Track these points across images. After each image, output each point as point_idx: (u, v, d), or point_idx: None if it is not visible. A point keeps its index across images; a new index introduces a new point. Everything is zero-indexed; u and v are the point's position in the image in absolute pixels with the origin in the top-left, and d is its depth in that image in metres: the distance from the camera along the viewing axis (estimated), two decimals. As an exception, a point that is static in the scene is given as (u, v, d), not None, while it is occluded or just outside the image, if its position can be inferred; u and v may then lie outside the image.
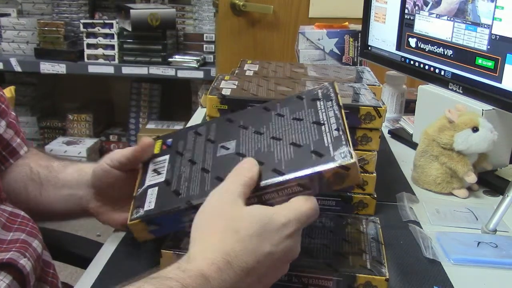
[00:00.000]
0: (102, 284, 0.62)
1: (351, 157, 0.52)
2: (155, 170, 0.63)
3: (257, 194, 0.54)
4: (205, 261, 0.49)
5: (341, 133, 0.55)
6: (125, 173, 0.67)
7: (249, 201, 0.53)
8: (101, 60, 2.47)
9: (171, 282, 0.46)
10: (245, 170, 0.54)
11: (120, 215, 0.70)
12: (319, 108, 0.59)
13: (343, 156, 0.52)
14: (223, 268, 0.49)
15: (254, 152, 0.57)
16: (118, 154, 0.67)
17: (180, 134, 0.68)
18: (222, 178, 0.54)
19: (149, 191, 0.61)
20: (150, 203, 0.59)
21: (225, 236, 0.50)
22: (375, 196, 0.77)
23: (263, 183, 0.53)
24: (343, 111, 0.58)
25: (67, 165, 0.77)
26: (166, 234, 0.61)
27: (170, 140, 0.67)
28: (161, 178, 0.62)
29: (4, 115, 0.76)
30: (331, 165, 0.52)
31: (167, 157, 0.64)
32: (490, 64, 0.89)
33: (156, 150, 0.66)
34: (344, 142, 0.53)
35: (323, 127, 0.56)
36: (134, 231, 0.58)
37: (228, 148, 0.60)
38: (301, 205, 0.52)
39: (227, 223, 0.51)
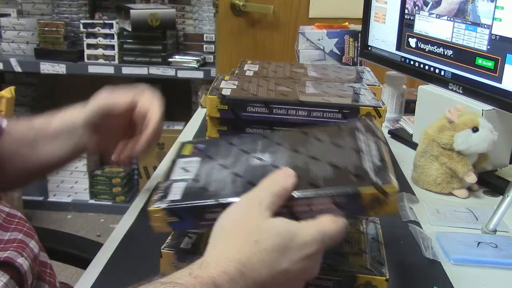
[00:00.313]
0: (102, 284, 0.62)
1: (393, 184, 0.51)
2: (183, 168, 0.61)
3: (288, 205, 0.52)
4: (217, 269, 0.47)
5: (383, 162, 0.54)
6: (121, 116, 0.75)
7: (278, 212, 0.51)
8: (101, 60, 2.47)
9: None
10: (281, 179, 0.52)
11: (124, 153, 0.79)
12: (358, 138, 0.59)
13: (385, 181, 0.51)
14: (236, 278, 0.47)
15: (291, 167, 0.55)
16: (113, 98, 0.77)
17: (212, 142, 0.67)
18: (255, 184, 0.52)
19: (175, 184, 0.58)
20: (175, 194, 0.56)
21: (244, 246, 0.48)
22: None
23: (297, 194, 0.51)
24: (384, 145, 0.57)
25: (50, 119, 0.80)
26: (183, 230, 0.59)
27: (201, 145, 0.66)
28: (190, 175, 0.59)
29: None
30: (371, 188, 0.51)
31: (197, 158, 0.63)
32: (490, 64, 0.89)
33: (186, 152, 0.65)
34: (386, 170, 0.53)
35: (364, 155, 0.56)
36: (153, 219, 0.55)
37: (262, 159, 0.58)
38: (328, 226, 0.50)
39: (248, 233, 0.49)
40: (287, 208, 0.52)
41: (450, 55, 0.98)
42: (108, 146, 0.81)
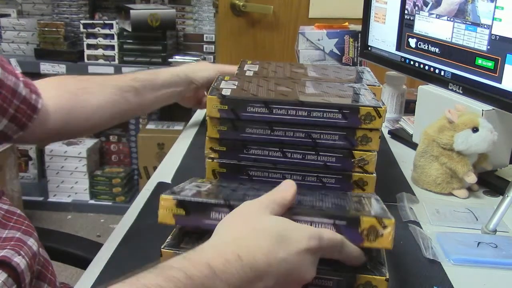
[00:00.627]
0: (102, 285, 0.62)
1: (390, 218, 0.55)
2: (195, 185, 0.65)
3: (288, 217, 0.54)
4: (213, 252, 0.47)
5: (382, 206, 0.60)
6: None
7: None
8: (101, 61, 2.47)
9: (175, 272, 0.45)
10: (282, 188, 0.55)
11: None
12: (363, 202, 0.64)
13: (383, 215, 0.55)
14: (232, 261, 0.47)
15: (298, 202, 0.59)
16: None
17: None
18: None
19: (187, 187, 0.62)
20: (190, 191, 0.59)
21: (241, 231, 0.49)
22: (375, 196, 0.77)
23: (298, 208, 0.55)
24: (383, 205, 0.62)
25: (158, 72, 1.03)
26: (186, 225, 0.60)
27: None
28: (202, 189, 0.63)
29: (17, 77, 0.77)
30: (371, 218, 0.55)
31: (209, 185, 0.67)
32: (490, 64, 0.89)
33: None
34: (384, 209, 0.58)
35: (365, 205, 0.61)
36: (161, 207, 0.57)
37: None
38: (329, 232, 0.52)
39: (248, 221, 0.50)
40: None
41: (450, 55, 0.98)
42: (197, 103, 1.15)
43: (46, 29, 2.47)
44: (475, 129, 0.85)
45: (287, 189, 0.55)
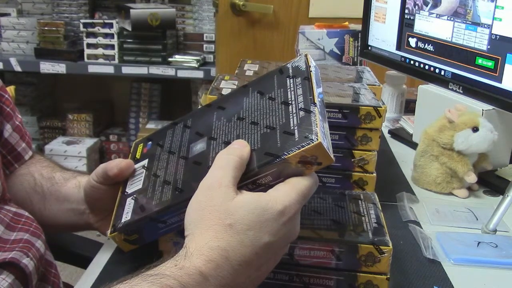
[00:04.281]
0: (102, 284, 0.62)
1: (388, 244, 0.54)
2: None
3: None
4: (202, 258, 0.47)
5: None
6: (113, 186, 0.67)
7: (242, 187, 0.51)
8: (101, 60, 2.47)
9: (168, 280, 0.45)
10: (234, 150, 0.51)
11: None
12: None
13: (381, 242, 0.55)
14: (221, 264, 0.47)
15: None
16: (101, 169, 0.66)
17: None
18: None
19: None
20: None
21: (219, 231, 0.48)
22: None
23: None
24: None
25: (68, 178, 0.76)
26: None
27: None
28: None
29: (9, 118, 0.77)
30: (368, 244, 0.55)
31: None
32: (490, 64, 0.89)
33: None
34: (381, 226, 0.57)
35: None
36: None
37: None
38: (299, 185, 0.50)
39: (219, 217, 0.48)
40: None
41: (450, 55, 0.98)
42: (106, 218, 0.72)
43: (46, 28, 2.47)
44: (475, 129, 0.85)
45: (240, 149, 0.52)
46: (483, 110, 0.91)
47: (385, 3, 1.16)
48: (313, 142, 0.49)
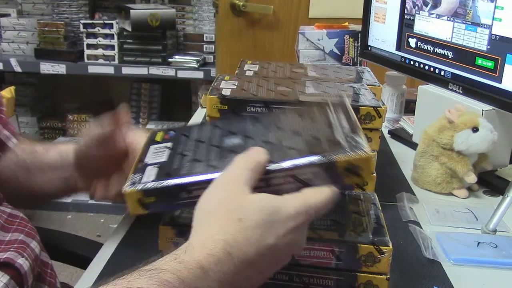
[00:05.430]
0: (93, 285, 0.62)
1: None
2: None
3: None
4: (203, 251, 0.46)
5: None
6: (107, 148, 0.69)
7: (257, 188, 0.50)
8: (101, 61, 2.47)
9: (166, 275, 0.44)
10: (254, 154, 0.52)
11: (112, 188, 0.73)
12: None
13: (381, 241, 0.55)
14: (223, 259, 0.46)
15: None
16: (95, 129, 0.68)
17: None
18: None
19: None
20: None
21: (227, 225, 0.47)
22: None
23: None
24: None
25: (48, 148, 0.78)
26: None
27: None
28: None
29: None
30: (368, 244, 0.54)
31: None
32: (490, 64, 0.89)
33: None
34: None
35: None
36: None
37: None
38: (312, 197, 0.50)
39: (230, 211, 0.48)
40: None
41: (450, 55, 0.98)
42: (97, 182, 0.75)
43: (46, 29, 2.47)
44: (475, 129, 0.85)
45: (259, 153, 0.52)
46: (483, 110, 0.91)
47: (385, 3, 1.16)
48: (364, 152, 0.50)
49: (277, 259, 0.50)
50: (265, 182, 0.51)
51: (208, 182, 0.51)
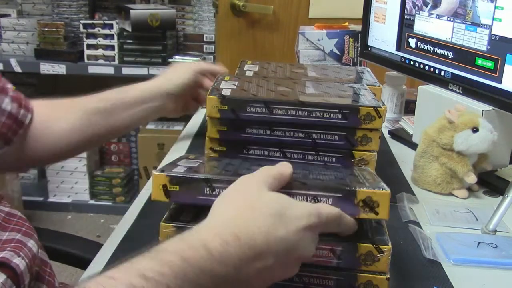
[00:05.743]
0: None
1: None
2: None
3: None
4: (210, 232, 0.46)
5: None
6: (196, 90, 1.04)
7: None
8: (101, 61, 2.47)
9: (169, 255, 0.44)
10: (280, 166, 0.54)
11: (192, 108, 1.09)
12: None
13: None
14: (230, 241, 0.46)
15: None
16: (189, 75, 1.01)
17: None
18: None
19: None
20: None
21: (240, 210, 0.48)
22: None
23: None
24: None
25: (126, 90, 0.96)
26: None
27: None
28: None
29: (5, 92, 0.78)
30: (367, 243, 0.55)
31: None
32: (490, 64, 0.89)
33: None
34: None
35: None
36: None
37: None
38: (326, 207, 0.52)
39: (246, 200, 0.50)
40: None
41: (450, 55, 0.98)
42: (184, 109, 1.07)
43: (46, 29, 2.47)
44: (475, 129, 0.85)
45: (285, 167, 0.55)
46: (483, 110, 0.91)
47: (385, 3, 1.16)
48: (384, 190, 0.54)
49: (284, 262, 0.49)
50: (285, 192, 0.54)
51: (232, 182, 0.54)
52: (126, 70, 2.44)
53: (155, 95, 0.97)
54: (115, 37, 2.44)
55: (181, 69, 1.02)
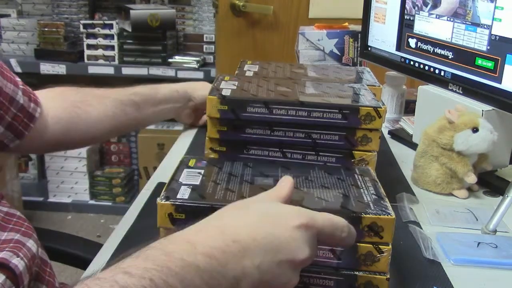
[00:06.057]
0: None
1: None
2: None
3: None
4: (194, 229, 0.47)
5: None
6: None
7: None
8: (101, 61, 2.47)
9: (152, 251, 0.44)
10: (277, 187, 0.54)
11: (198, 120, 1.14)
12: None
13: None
14: (213, 234, 0.46)
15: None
16: None
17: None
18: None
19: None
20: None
21: (227, 211, 0.50)
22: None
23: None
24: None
25: (158, 87, 1.03)
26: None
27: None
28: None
29: (17, 85, 0.78)
30: (367, 244, 0.55)
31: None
32: (490, 64, 0.89)
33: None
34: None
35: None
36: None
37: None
38: (323, 217, 0.50)
39: (235, 205, 0.51)
40: None
41: (450, 55, 0.98)
42: (196, 120, 1.14)
43: (46, 29, 2.47)
44: (475, 129, 0.85)
45: (282, 185, 0.54)
46: (483, 110, 0.91)
47: (385, 3, 1.16)
48: (389, 215, 0.55)
49: (276, 260, 0.47)
50: None
51: None
52: (126, 70, 2.44)
53: (180, 97, 1.05)
54: (115, 37, 2.45)
55: (205, 85, 1.10)
